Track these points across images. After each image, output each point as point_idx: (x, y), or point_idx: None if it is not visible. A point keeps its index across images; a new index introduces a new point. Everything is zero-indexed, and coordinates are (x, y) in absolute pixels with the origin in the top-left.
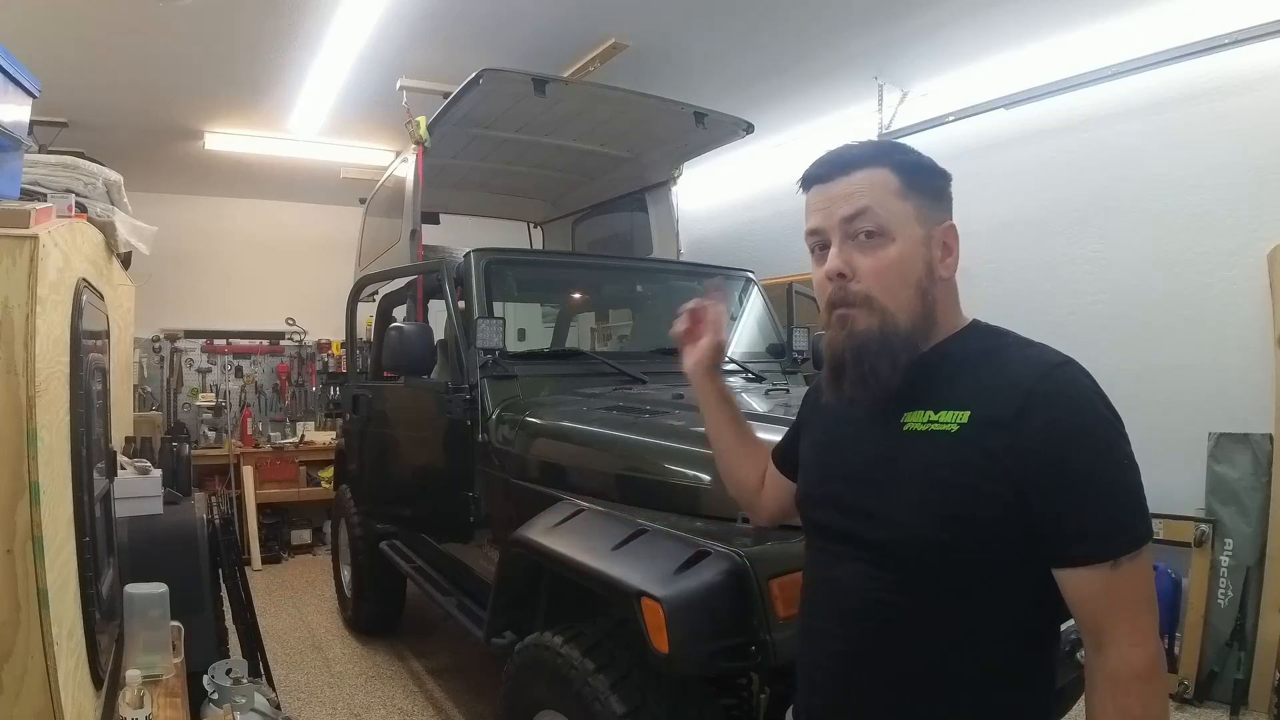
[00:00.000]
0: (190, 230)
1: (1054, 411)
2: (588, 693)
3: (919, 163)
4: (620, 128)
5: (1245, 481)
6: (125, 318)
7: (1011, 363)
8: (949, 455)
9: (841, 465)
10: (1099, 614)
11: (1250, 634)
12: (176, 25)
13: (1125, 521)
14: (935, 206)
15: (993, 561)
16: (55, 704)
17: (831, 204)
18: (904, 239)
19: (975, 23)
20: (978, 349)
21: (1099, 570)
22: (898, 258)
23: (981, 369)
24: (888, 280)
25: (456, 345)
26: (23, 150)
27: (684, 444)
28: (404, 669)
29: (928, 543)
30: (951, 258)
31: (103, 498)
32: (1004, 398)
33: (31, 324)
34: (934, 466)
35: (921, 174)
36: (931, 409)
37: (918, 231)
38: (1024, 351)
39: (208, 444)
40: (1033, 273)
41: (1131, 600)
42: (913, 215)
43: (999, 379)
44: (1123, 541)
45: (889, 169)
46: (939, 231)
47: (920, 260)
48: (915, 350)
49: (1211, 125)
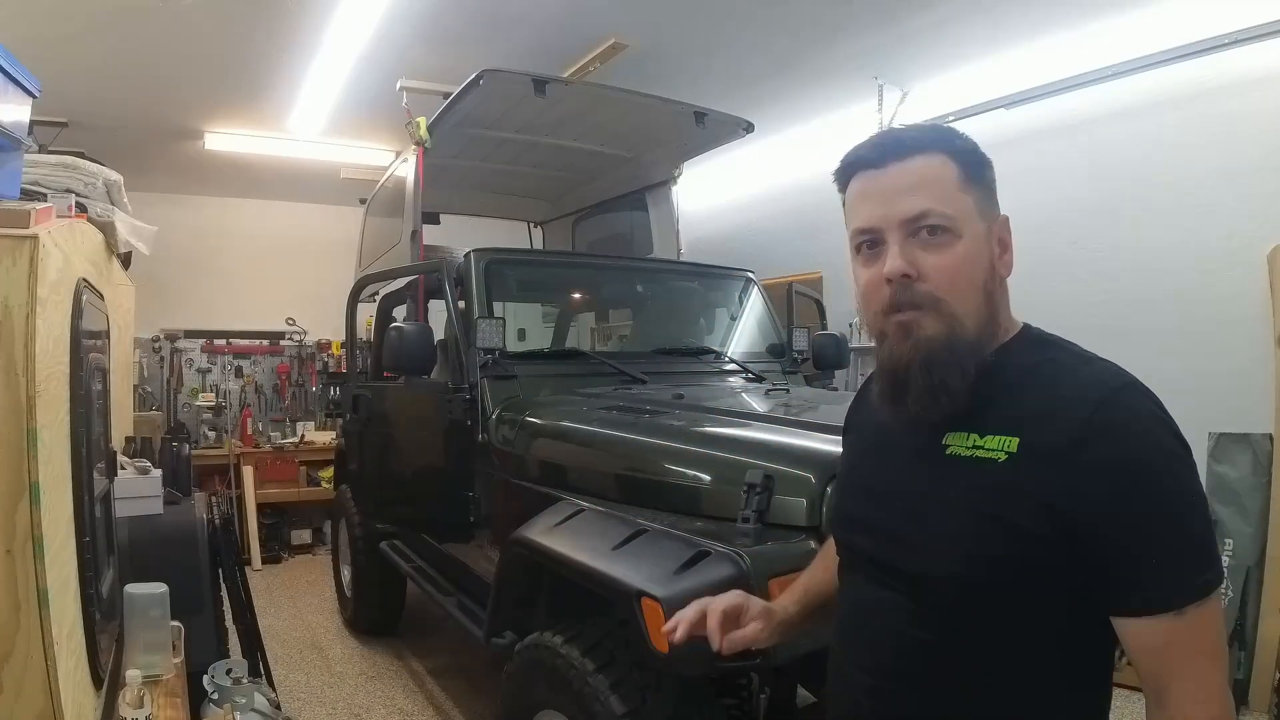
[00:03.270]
0: (190, 230)
1: (1114, 446)
2: (588, 693)
3: (976, 151)
4: (620, 128)
5: (1245, 481)
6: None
7: (1067, 383)
8: (994, 488)
9: (875, 485)
10: (1160, 668)
11: (1250, 634)
12: (176, 25)
13: (1190, 569)
14: (991, 199)
15: (1039, 605)
16: (55, 704)
17: (888, 195)
18: (970, 235)
19: (975, 22)
20: (1031, 361)
21: (1160, 621)
22: (965, 256)
23: (1033, 387)
24: (958, 282)
25: (456, 345)
26: (23, 150)
27: (684, 444)
28: (404, 669)
29: (965, 582)
30: (1009, 254)
31: (103, 498)
32: (1058, 424)
33: (31, 324)
34: (977, 500)
35: (979, 163)
36: (977, 432)
37: (980, 227)
38: (1082, 369)
39: (208, 444)
40: (1032, 273)
41: (1196, 654)
42: (974, 209)
43: (1053, 401)
44: (1187, 590)
45: (949, 156)
46: (997, 226)
47: (985, 258)
48: (982, 360)
49: (1211, 125)
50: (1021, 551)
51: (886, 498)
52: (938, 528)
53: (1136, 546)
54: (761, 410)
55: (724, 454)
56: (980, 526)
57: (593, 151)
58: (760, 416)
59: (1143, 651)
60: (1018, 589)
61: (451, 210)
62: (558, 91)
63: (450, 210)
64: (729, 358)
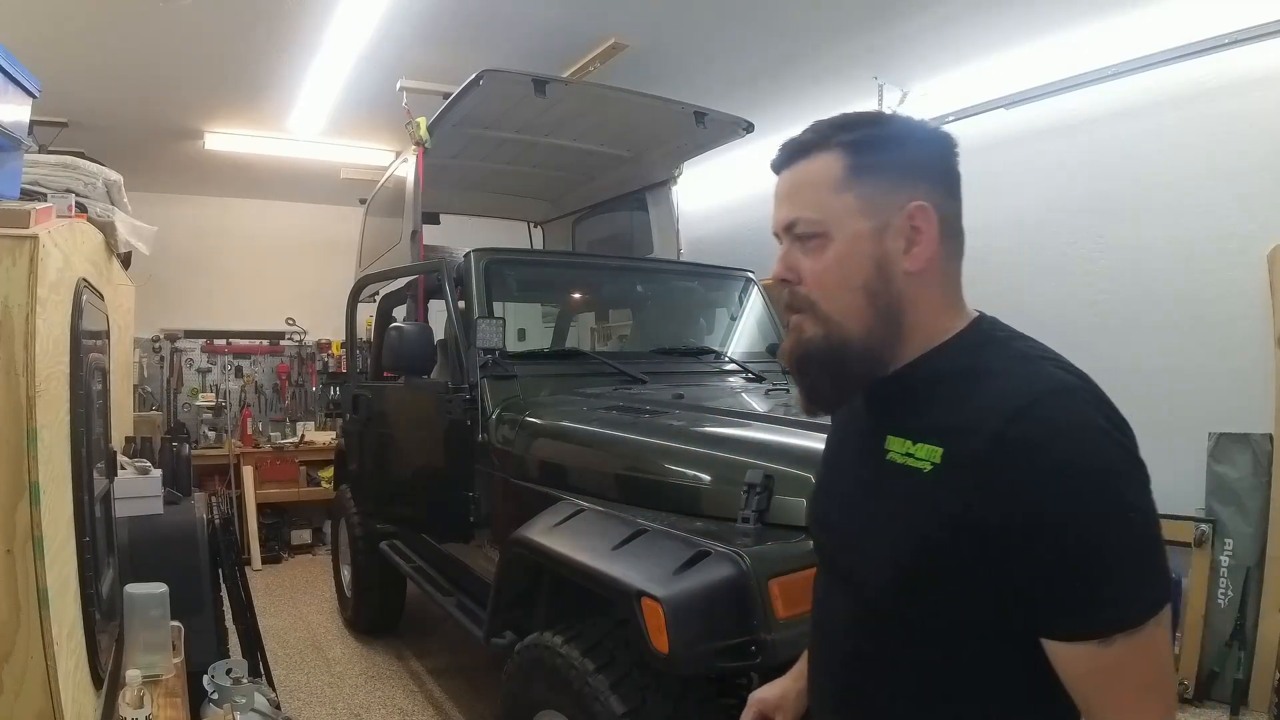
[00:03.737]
0: (190, 230)
1: (1028, 459)
2: (588, 693)
3: (874, 137)
4: (620, 128)
5: (1245, 481)
6: (125, 318)
7: (990, 390)
8: (920, 500)
9: (834, 485)
10: (1089, 696)
11: (1250, 634)
12: (176, 25)
13: (1113, 595)
14: (889, 190)
15: (975, 623)
16: (55, 704)
17: (776, 201)
18: (844, 237)
19: (975, 22)
20: (966, 364)
21: (1083, 649)
22: (835, 258)
23: (961, 394)
24: (827, 285)
25: (456, 345)
26: (23, 150)
27: (684, 444)
28: (404, 669)
29: (895, 595)
30: (920, 247)
31: (103, 498)
32: (975, 437)
33: (31, 324)
34: (905, 510)
35: (875, 151)
36: (911, 438)
37: (863, 226)
38: (1010, 373)
39: (208, 444)
40: (1032, 273)
41: (1127, 686)
42: (854, 207)
43: (974, 411)
44: (1112, 616)
45: (840, 151)
46: (902, 217)
47: (866, 259)
48: (877, 364)
49: (1211, 125)
50: (943, 569)
51: (842, 499)
52: (874, 535)
53: (1052, 570)
54: (761, 410)
55: (724, 454)
56: (908, 539)
57: (593, 151)
58: (760, 416)
59: (1070, 679)
60: (950, 606)
61: (451, 210)
62: (558, 91)
63: (450, 210)
64: (729, 358)
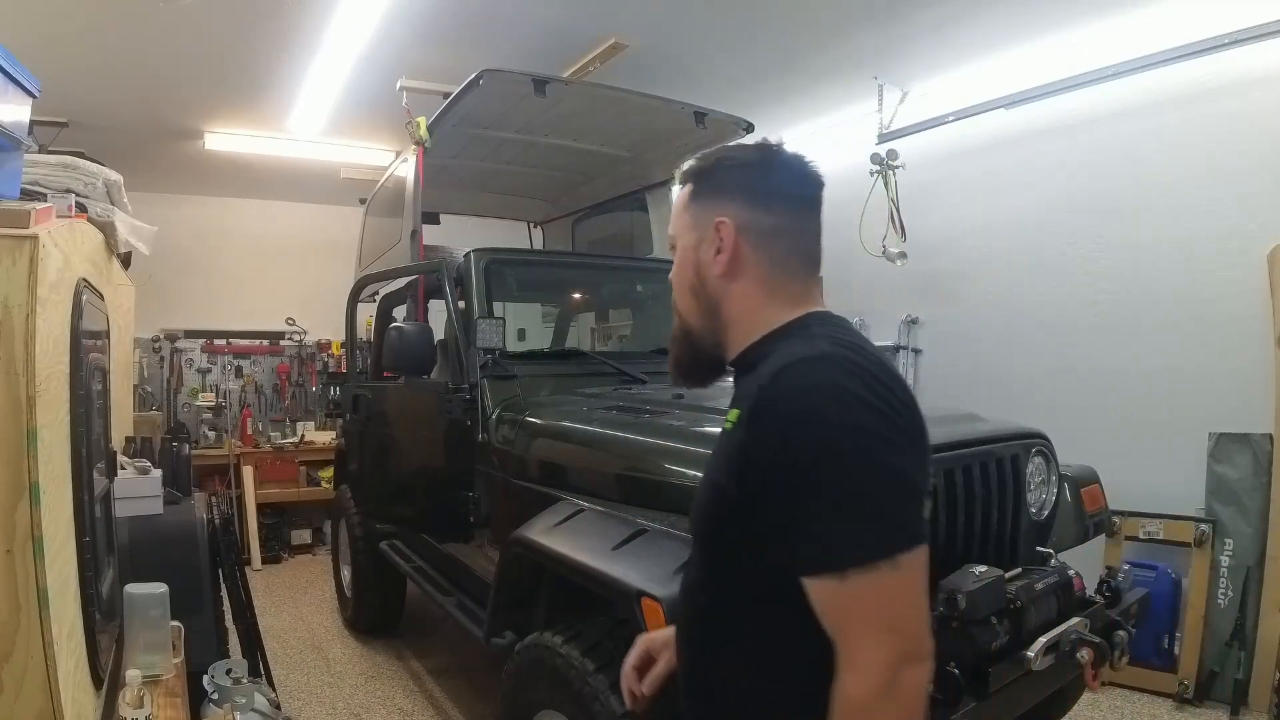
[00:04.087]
0: (190, 230)
1: (772, 416)
2: (588, 693)
3: (703, 168)
4: (620, 128)
5: (1245, 481)
6: (125, 318)
7: (766, 363)
8: (722, 454)
9: None
10: (834, 631)
11: (1250, 634)
12: (176, 25)
13: (846, 534)
14: (710, 207)
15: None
16: (55, 704)
17: None
18: (681, 248)
19: (975, 22)
20: (771, 349)
21: (826, 582)
22: (677, 265)
23: (756, 369)
24: (676, 285)
25: (456, 345)
26: (23, 150)
27: (684, 444)
28: (404, 669)
29: (705, 538)
30: (724, 254)
31: (103, 498)
32: (750, 396)
33: (31, 324)
34: (715, 464)
35: (702, 177)
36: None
37: (690, 239)
38: (780, 352)
39: (208, 444)
40: (1032, 273)
41: (858, 620)
42: (689, 223)
43: (757, 376)
44: (843, 554)
45: (690, 180)
46: (711, 231)
47: (689, 266)
48: (715, 349)
49: (1211, 125)
50: (723, 511)
51: None
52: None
53: (794, 512)
54: None
55: None
56: (706, 487)
57: (592, 151)
58: None
59: (820, 616)
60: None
61: (451, 210)
62: (558, 91)
63: (450, 210)
64: None
